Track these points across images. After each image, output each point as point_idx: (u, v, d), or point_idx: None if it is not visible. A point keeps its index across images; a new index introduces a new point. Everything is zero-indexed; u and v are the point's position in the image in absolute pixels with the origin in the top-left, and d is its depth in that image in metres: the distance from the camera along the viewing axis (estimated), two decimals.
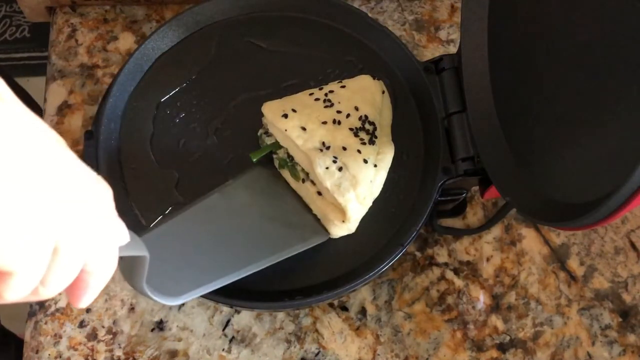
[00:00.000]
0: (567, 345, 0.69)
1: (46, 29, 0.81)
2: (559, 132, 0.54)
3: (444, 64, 0.67)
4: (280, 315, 0.69)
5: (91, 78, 0.77)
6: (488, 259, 0.72)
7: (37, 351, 0.67)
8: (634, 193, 0.41)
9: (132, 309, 0.69)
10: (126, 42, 0.79)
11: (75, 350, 0.67)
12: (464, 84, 0.64)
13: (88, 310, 0.68)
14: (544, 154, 0.56)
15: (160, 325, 0.68)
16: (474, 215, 0.74)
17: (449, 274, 0.71)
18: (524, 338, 0.69)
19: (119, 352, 0.67)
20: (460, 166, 0.64)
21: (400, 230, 0.64)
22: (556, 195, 0.53)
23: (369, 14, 0.73)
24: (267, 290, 0.62)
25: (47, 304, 0.68)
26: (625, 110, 0.45)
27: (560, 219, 0.50)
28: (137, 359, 0.67)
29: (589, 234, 0.73)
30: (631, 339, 0.70)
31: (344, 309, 0.69)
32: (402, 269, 0.71)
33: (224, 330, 0.68)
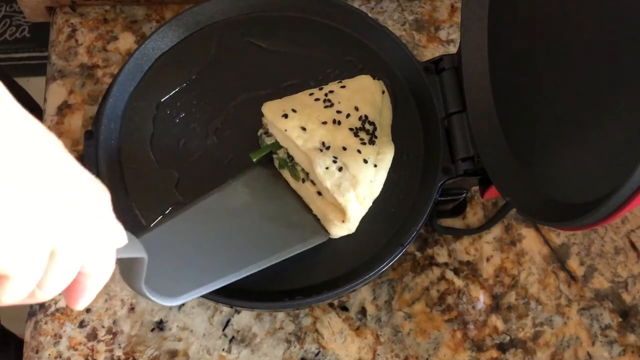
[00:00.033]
0: (567, 345, 0.69)
1: (46, 29, 0.81)
2: (559, 132, 0.54)
3: (444, 64, 0.67)
4: (280, 315, 0.69)
5: (91, 78, 0.77)
6: (488, 259, 0.72)
7: (37, 351, 0.67)
8: (634, 193, 0.41)
9: (132, 309, 0.69)
10: (126, 42, 0.79)
11: (75, 350, 0.67)
12: (464, 84, 0.64)
13: (88, 310, 0.68)
14: (544, 154, 0.56)
15: (160, 325, 0.68)
16: (474, 215, 0.74)
17: (449, 274, 0.71)
18: (524, 338, 0.69)
19: (119, 352, 0.67)
20: (460, 166, 0.64)
21: (400, 230, 0.64)
22: (556, 195, 0.53)
23: (369, 14, 0.73)
24: (267, 290, 0.62)
25: (47, 304, 0.68)
26: (625, 110, 0.45)
27: (560, 219, 0.50)
28: (137, 359, 0.67)
29: (589, 234, 0.73)
30: (631, 339, 0.70)
31: (344, 309, 0.69)
32: (402, 269, 0.71)
33: (224, 330, 0.68)
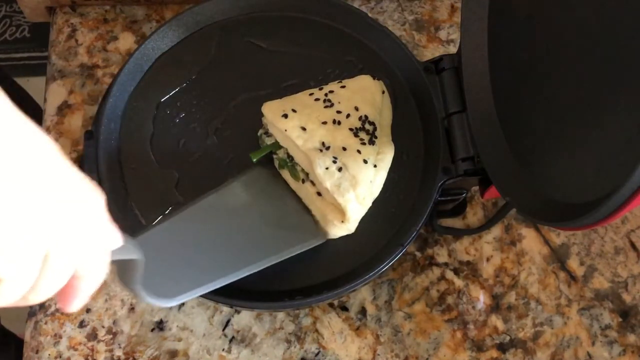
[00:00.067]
0: (567, 345, 0.69)
1: (46, 29, 0.81)
2: (559, 132, 0.54)
3: (444, 64, 0.67)
4: (280, 315, 0.69)
5: (91, 78, 0.77)
6: (488, 259, 0.72)
7: (37, 351, 0.67)
8: (634, 193, 0.41)
9: (132, 309, 0.68)
10: (126, 42, 0.79)
11: (75, 350, 0.67)
12: (464, 84, 0.64)
13: (88, 310, 0.68)
14: (544, 153, 0.56)
15: (160, 325, 0.68)
16: (474, 215, 0.74)
17: (449, 274, 0.71)
18: (524, 338, 0.69)
19: (119, 352, 0.67)
20: (460, 166, 0.64)
21: (400, 230, 0.64)
22: (556, 195, 0.53)
23: (369, 14, 0.73)
24: (267, 290, 0.62)
25: (47, 304, 0.68)
26: (625, 110, 0.45)
27: (560, 219, 0.50)
28: (137, 359, 0.67)
29: (589, 234, 0.73)
30: (631, 339, 0.70)
31: (344, 309, 0.69)
32: (402, 269, 0.71)
33: (224, 330, 0.68)
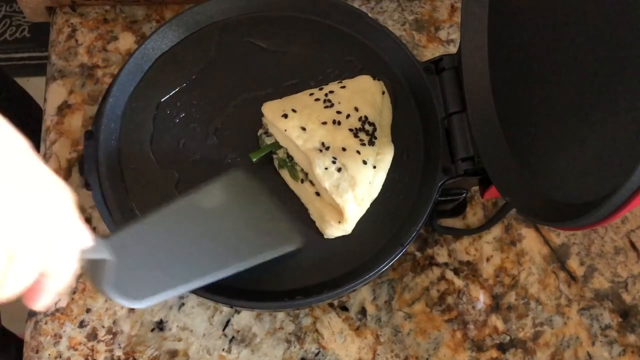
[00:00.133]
0: (567, 345, 0.69)
1: (46, 29, 0.81)
2: (559, 132, 0.54)
3: (444, 64, 0.67)
4: (280, 315, 0.69)
5: (91, 78, 0.77)
6: (488, 259, 0.72)
7: (37, 351, 0.67)
8: (634, 193, 0.41)
9: (132, 309, 0.68)
10: (126, 42, 0.79)
11: (75, 350, 0.67)
12: (464, 84, 0.63)
13: (88, 310, 0.68)
14: (544, 153, 0.56)
15: (160, 325, 0.68)
16: (474, 215, 0.74)
17: (449, 274, 0.71)
18: (524, 338, 0.69)
19: (119, 352, 0.67)
20: (460, 166, 0.64)
21: (400, 230, 0.64)
22: (556, 195, 0.53)
23: (369, 14, 0.73)
24: (267, 290, 0.62)
25: None
26: (626, 110, 0.45)
27: (560, 219, 0.50)
28: (137, 359, 0.67)
29: (589, 234, 0.73)
30: (631, 339, 0.70)
31: (344, 309, 0.69)
32: (402, 269, 0.71)
33: (224, 330, 0.68)
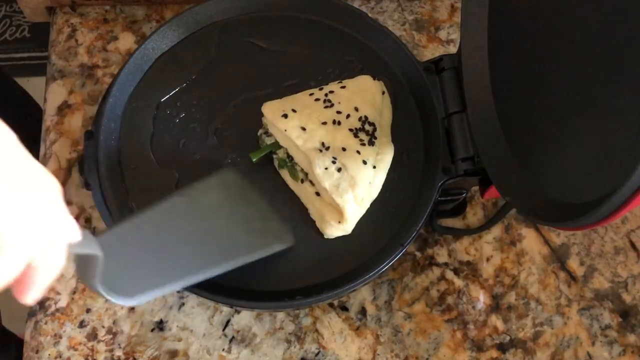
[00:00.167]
0: (567, 345, 0.69)
1: (46, 29, 0.81)
2: (559, 132, 0.54)
3: (444, 64, 0.67)
4: (280, 315, 0.69)
5: (91, 78, 0.77)
6: (488, 259, 0.72)
7: (37, 351, 0.67)
8: (634, 193, 0.41)
9: (132, 309, 0.68)
10: (126, 42, 0.79)
11: (75, 350, 0.67)
12: (464, 84, 0.63)
13: (88, 310, 0.68)
14: (544, 153, 0.56)
15: (160, 325, 0.68)
16: (474, 215, 0.74)
17: (449, 274, 0.71)
18: (524, 338, 0.69)
19: (119, 352, 0.67)
20: (460, 166, 0.64)
21: (400, 230, 0.64)
22: (556, 195, 0.53)
23: (369, 14, 0.73)
24: (267, 290, 0.62)
25: (47, 304, 0.68)
26: (626, 110, 0.45)
27: (560, 219, 0.50)
28: (137, 359, 0.67)
29: (589, 234, 0.73)
30: (631, 339, 0.70)
31: (344, 309, 0.69)
32: (402, 269, 0.71)
33: (224, 330, 0.68)
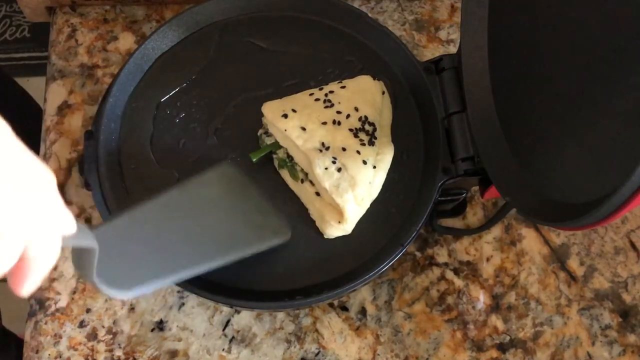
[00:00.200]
0: (567, 345, 0.69)
1: (46, 29, 0.81)
2: (559, 132, 0.54)
3: (444, 64, 0.67)
4: (280, 315, 0.69)
5: (91, 78, 0.77)
6: (488, 259, 0.72)
7: (37, 351, 0.67)
8: (634, 193, 0.41)
9: (132, 309, 0.68)
10: (126, 42, 0.79)
11: (75, 350, 0.67)
12: (464, 84, 0.63)
13: (88, 310, 0.68)
14: (544, 153, 0.56)
15: (160, 325, 0.68)
16: (474, 215, 0.74)
17: (449, 274, 0.71)
18: (524, 338, 0.69)
19: (119, 352, 0.67)
20: (460, 166, 0.64)
21: (400, 230, 0.64)
22: (556, 195, 0.53)
23: (369, 14, 0.73)
24: (267, 290, 0.62)
25: (47, 304, 0.68)
26: (626, 110, 0.45)
27: (560, 219, 0.50)
28: (137, 359, 0.67)
29: (589, 234, 0.73)
30: (631, 339, 0.70)
31: (344, 309, 0.69)
32: (402, 269, 0.71)
33: (224, 330, 0.68)
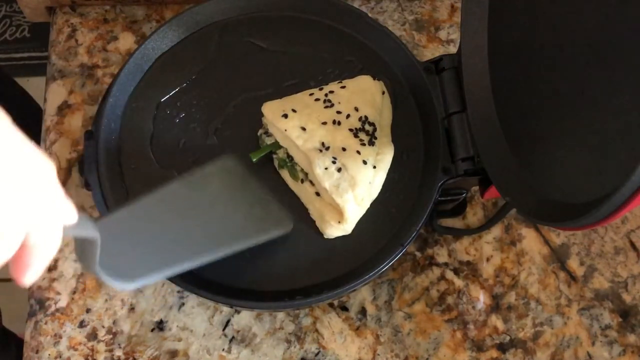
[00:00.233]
0: (567, 345, 0.69)
1: (46, 29, 0.81)
2: (560, 132, 0.54)
3: (444, 64, 0.67)
4: (280, 315, 0.69)
5: (91, 78, 0.77)
6: (488, 259, 0.72)
7: (37, 351, 0.67)
8: (634, 193, 0.41)
9: (132, 309, 0.69)
10: (126, 42, 0.79)
11: (75, 350, 0.67)
12: (464, 84, 0.63)
13: (88, 310, 0.68)
14: (544, 153, 0.56)
15: (160, 325, 0.68)
16: (474, 215, 0.74)
17: (449, 274, 0.71)
18: (524, 338, 0.69)
19: (119, 352, 0.67)
20: (460, 166, 0.64)
21: (400, 230, 0.64)
22: (556, 195, 0.53)
23: (369, 14, 0.73)
24: (267, 290, 0.62)
25: (47, 304, 0.68)
26: (626, 110, 0.45)
27: (560, 219, 0.50)
28: (137, 359, 0.67)
29: (589, 234, 0.73)
30: (631, 339, 0.70)
31: (344, 309, 0.69)
32: (402, 269, 0.71)
33: (224, 330, 0.68)
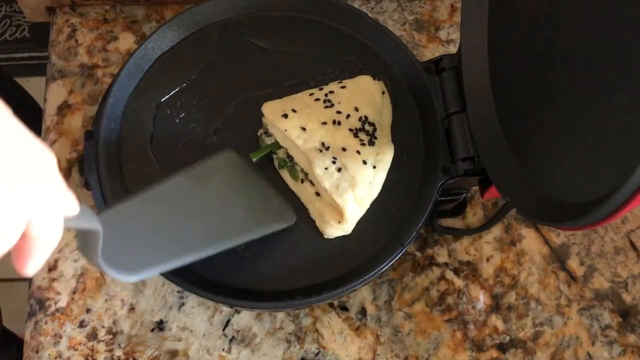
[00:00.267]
0: (567, 345, 0.69)
1: (46, 29, 0.81)
2: (559, 132, 0.54)
3: (444, 64, 0.67)
4: (280, 315, 0.69)
5: (91, 78, 0.77)
6: (488, 259, 0.72)
7: (37, 351, 0.67)
8: (634, 193, 0.41)
9: (132, 309, 0.68)
10: (126, 42, 0.79)
11: (75, 350, 0.67)
12: (464, 84, 0.63)
13: (88, 310, 0.68)
14: (544, 153, 0.56)
15: (160, 325, 0.68)
16: (474, 215, 0.74)
17: (449, 274, 0.71)
18: (524, 338, 0.69)
19: (119, 352, 0.67)
20: (460, 166, 0.64)
21: (400, 230, 0.64)
22: (556, 195, 0.53)
23: (369, 14, 0.73)
24: (267, 290, 0.62)
25: (47, 304, 0.68)
26: (626, 110, 0.45)
27: (560, 219, 0.50)
28: (137, 359, 0.67)
29: (589, 234, 0.73)
30: (631, 339, 0.70)
31: (344, 309, 0.69)
32: (402, 269, 0.71)
33: (224, 330, 0.68)
